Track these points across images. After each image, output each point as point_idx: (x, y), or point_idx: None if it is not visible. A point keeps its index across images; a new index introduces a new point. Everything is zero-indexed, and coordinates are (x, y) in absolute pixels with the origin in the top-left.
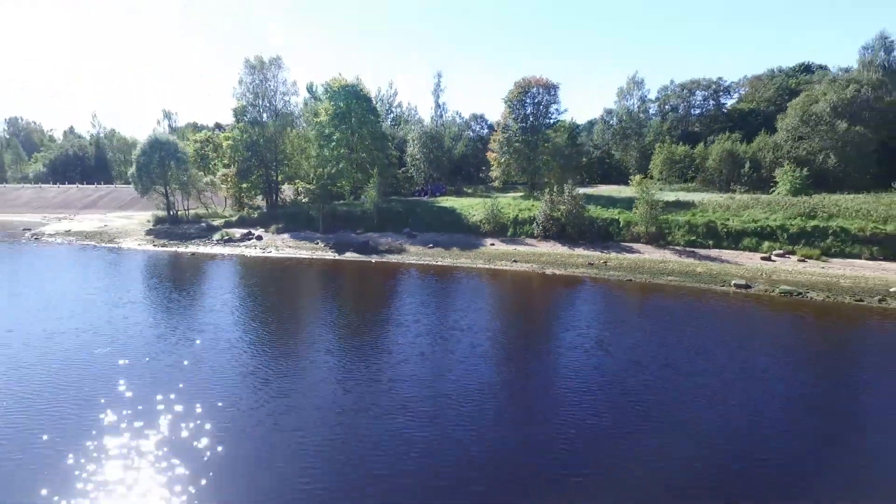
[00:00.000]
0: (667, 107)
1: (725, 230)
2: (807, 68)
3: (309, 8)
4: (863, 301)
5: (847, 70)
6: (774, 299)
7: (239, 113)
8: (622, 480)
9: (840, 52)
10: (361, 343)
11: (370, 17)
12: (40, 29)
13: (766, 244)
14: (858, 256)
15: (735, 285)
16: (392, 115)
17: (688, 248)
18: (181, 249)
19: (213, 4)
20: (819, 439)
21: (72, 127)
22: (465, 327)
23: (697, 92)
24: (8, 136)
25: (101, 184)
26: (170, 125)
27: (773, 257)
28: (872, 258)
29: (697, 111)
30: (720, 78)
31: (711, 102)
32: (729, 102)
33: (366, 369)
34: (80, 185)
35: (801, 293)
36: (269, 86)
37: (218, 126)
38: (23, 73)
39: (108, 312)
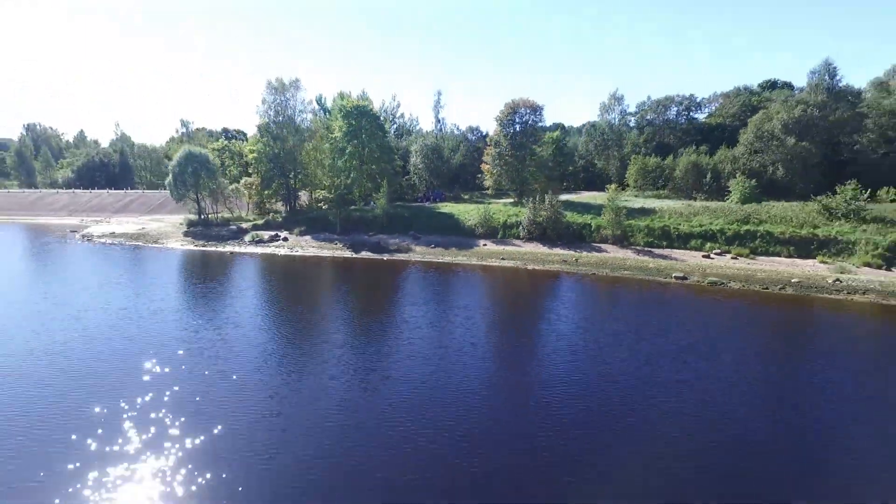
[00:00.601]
0: (644, 120)
1: (677, 233)
2: (773, 85)
3: (318, 22)
4: (767, 289)
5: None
6: (702, 288)
7: (263, 129)
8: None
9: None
10: (382, 321)
11: (377, 31)
12: (40, 29)
13: (708, 245)
14: (779, 255)
15: (675, 277)
16: (395, 126)
17: (646, 248)
18: (220, 249)
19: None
20: (692, 372)
21: (81, 131)
22: (461, 307)
23: (672, 107)
24: (37, 144)
25: (129, 188)
26: (186, 132)
27: (712, 255)
28: (789, 256)
29: (672, 124)
30: (692, 94)
31: (684, 117)
32: (701, 117)
33: (385, 340)
34: (110, 191)
35: (723, 283)
36: (289, 105)
37: (226, 131)
38: (23, 72)
39: (196, 298)
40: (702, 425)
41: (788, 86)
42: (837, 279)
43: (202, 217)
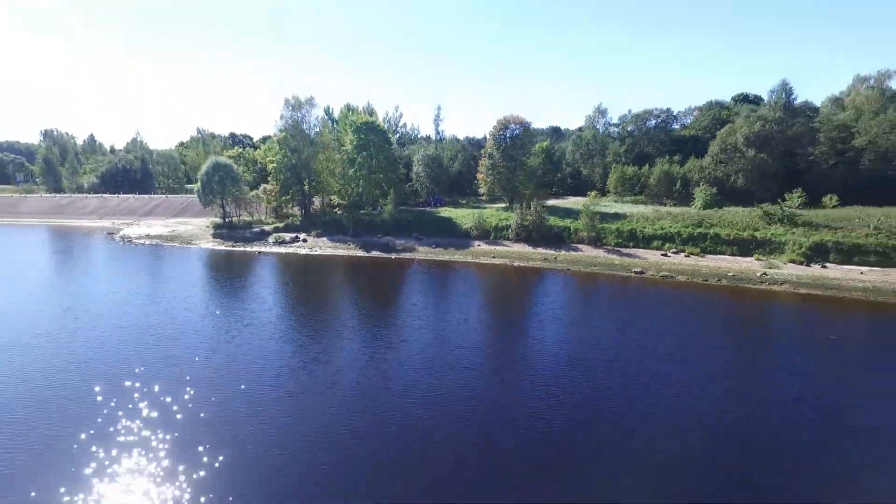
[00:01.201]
0: (625, 132)
1: (642, 235)
2: (745, 98)
3: (328, 41)
4: (707, 281)
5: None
6: (655, 280)
7: (281, 142)
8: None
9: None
10: (392, 307)
11: (381, 46)
12: (41, 30)
13: (667, 245)
14: (724, 253)
15: (634, 272)
16: (398, 135)
17: (615, 248)
18: (248, 249)
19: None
20: (628, 340)
21: (92, 135)
22: (458, 295)
23: (650, 119)
24: (63, 150)
25: (153, 193)
26: (202, 139)
27: (669, 254)
28: (732, 254)
29: (650, 136)
30: (669, 108)
31: (661, 129)
32: (677, 128)
33: (395, 322)
34: (137, 195)
35: (672, 276)
36: (305, 119)
37: (233, 135)
38: (23, 73)
39: (242, 289)
40: (618, 372)
41: (759, 99)
42: (764, 273)
43: (227, 220)
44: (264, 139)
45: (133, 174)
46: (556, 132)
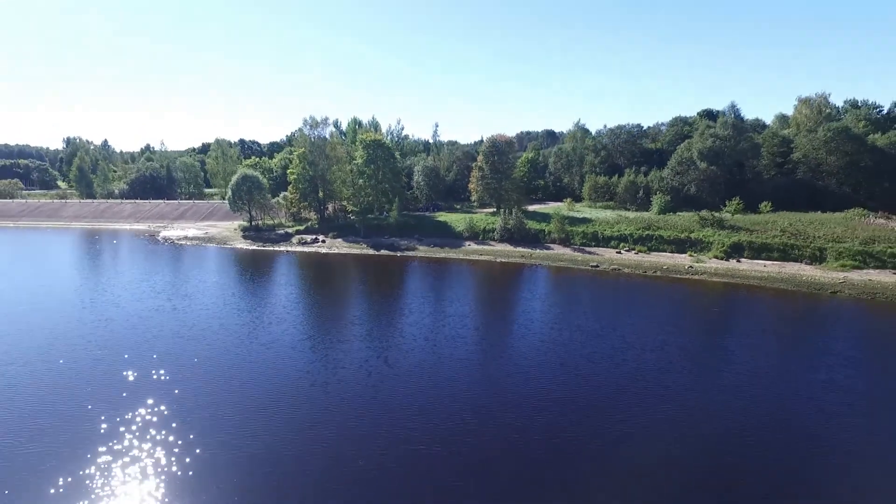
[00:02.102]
0: (600, 145)
1: (602, 236)
2: (709, 114)
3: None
4: (646, 272)
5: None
6: (606, 272)
7: (301, 157)
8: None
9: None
10: (398, 294)
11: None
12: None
13: (621, 244)
14: (665, 251)
15: (591, 266)
16: (400, 146)
17: (581, 247)
18: (277, 248)
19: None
20: (576, 315)
21: (105, 141)
22: (451, 285)
23: (622, 134)
24: (95, 159)
25: (177, 198)
26: (220, 148)
27: (622, 252)
28: (671, 252)
29: (621, 149)
30: (639, 124)
31: (632, 142)
32: (645, 141)
33: (400, 307)
34: (167, 201)
35: (619, 269)
36: (321, 136)
37: (242, 141)
38: (23, 72)
39: (280, 279)
40: (555, 338)
41: (721, 114)
42: (691, 266)
43: (252, 224)
44: (272, 145)
45: (159, 181)
46: (550, 135)
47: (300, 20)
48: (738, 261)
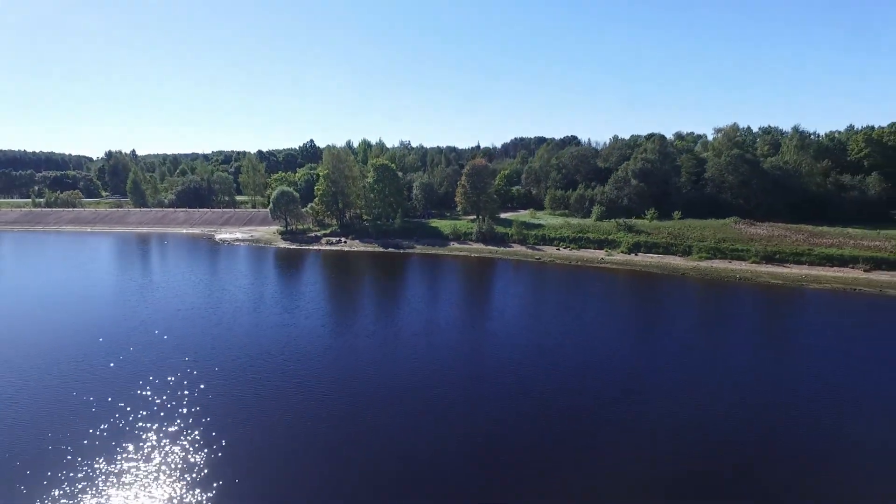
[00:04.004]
0: (560, 163)
1: (549, 237)
2: (651, 135)
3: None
4: (571, 262)
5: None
6: (543, 263)
7: (325, 177)
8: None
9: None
10: (403, 280)
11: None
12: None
13: (561, 243)
14: (589, 248)
15: (536, 258)
16: (401, 164)
17: (533, 245)
18: (310, 248)
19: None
20: (518, 296)
21: (133, 150)
22: (442, 273)
23: (578, 155)
24: (117, 168)
25: (214, 207)
26: (251, 164)
27: (560, 248)
28: (594, 249)
29: (577, 167)
30: (596, 143)
31: (585, 161)
32: (598, 161)
33: (404, 291)
34: (212, 209)
35: (553, 260)
36: (341, 160)
37: (259, 152)
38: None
39: (318, 270)
40: (497, 310)
41: (661, 136)
42: (603, 258)
43: (288, 228)
44: (287, 155)
45: (202, 192)
46: (541, 141)
47: (306, 20)
48: (636, 255)
